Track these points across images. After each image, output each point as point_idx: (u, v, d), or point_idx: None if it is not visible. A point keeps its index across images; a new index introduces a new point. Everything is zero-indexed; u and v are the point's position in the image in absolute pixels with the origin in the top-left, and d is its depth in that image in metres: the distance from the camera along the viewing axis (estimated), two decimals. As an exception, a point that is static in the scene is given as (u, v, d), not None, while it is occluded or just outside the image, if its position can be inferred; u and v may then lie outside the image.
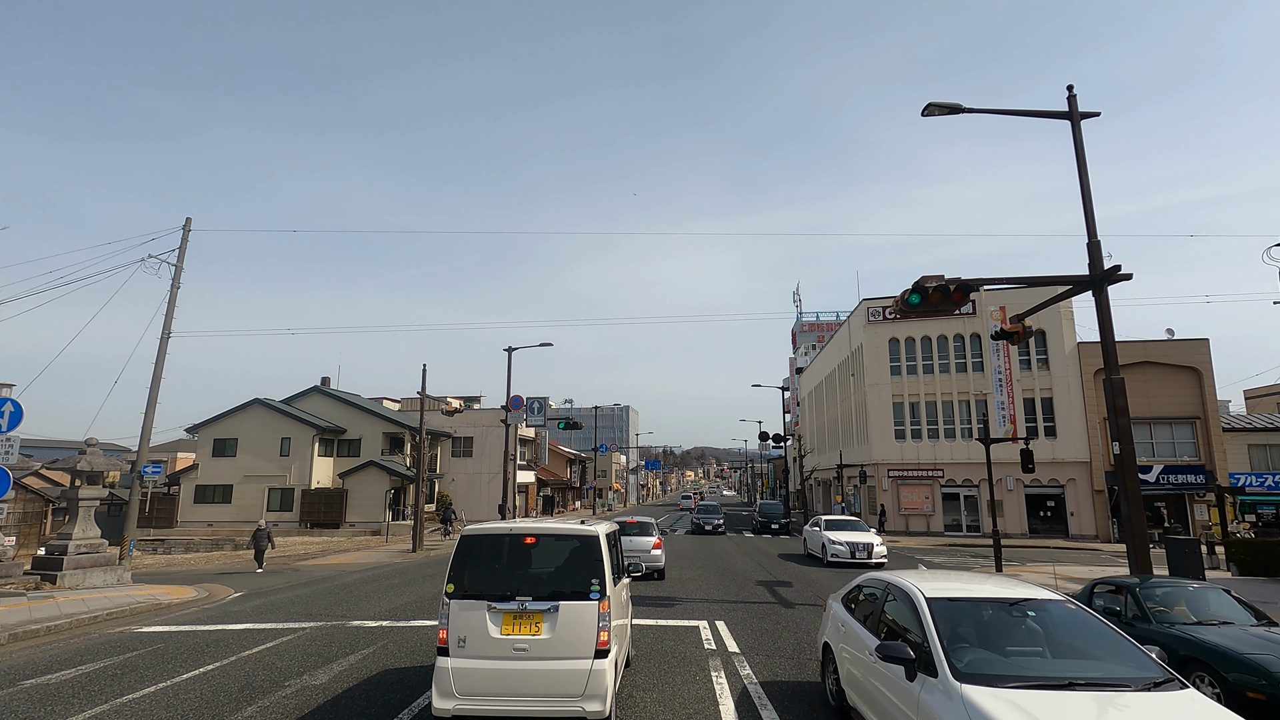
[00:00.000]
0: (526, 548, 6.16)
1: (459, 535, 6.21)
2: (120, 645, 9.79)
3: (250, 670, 8.22)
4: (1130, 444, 12.30)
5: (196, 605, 13.82)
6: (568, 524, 6.48)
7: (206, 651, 9.26)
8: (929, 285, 12.67)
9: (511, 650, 5.63)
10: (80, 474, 16.98)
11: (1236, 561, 18.40)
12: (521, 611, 5.71)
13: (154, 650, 9.39)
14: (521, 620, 5.70)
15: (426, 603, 13.36)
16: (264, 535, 20.67)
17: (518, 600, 5.74)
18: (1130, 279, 12.70)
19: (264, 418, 41.94)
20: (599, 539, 6.17)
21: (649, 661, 8.52)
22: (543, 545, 6.27)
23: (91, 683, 7.76)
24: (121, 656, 9.05)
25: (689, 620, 11.35)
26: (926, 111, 13.62)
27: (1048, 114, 13.64)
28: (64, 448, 47.45)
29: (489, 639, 5.65)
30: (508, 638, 5.66)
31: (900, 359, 37.89)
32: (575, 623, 5.70)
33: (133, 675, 8.06)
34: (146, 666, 8.48)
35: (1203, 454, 32.68)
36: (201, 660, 8.75)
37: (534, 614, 5.71)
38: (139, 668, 8.42)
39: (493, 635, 5.66)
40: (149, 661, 8.74)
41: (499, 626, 5.69)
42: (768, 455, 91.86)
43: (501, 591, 5.79)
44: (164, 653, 9.24)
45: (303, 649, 9.34)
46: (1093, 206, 13.12)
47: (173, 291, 25.26)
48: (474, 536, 6.16)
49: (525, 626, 5.69)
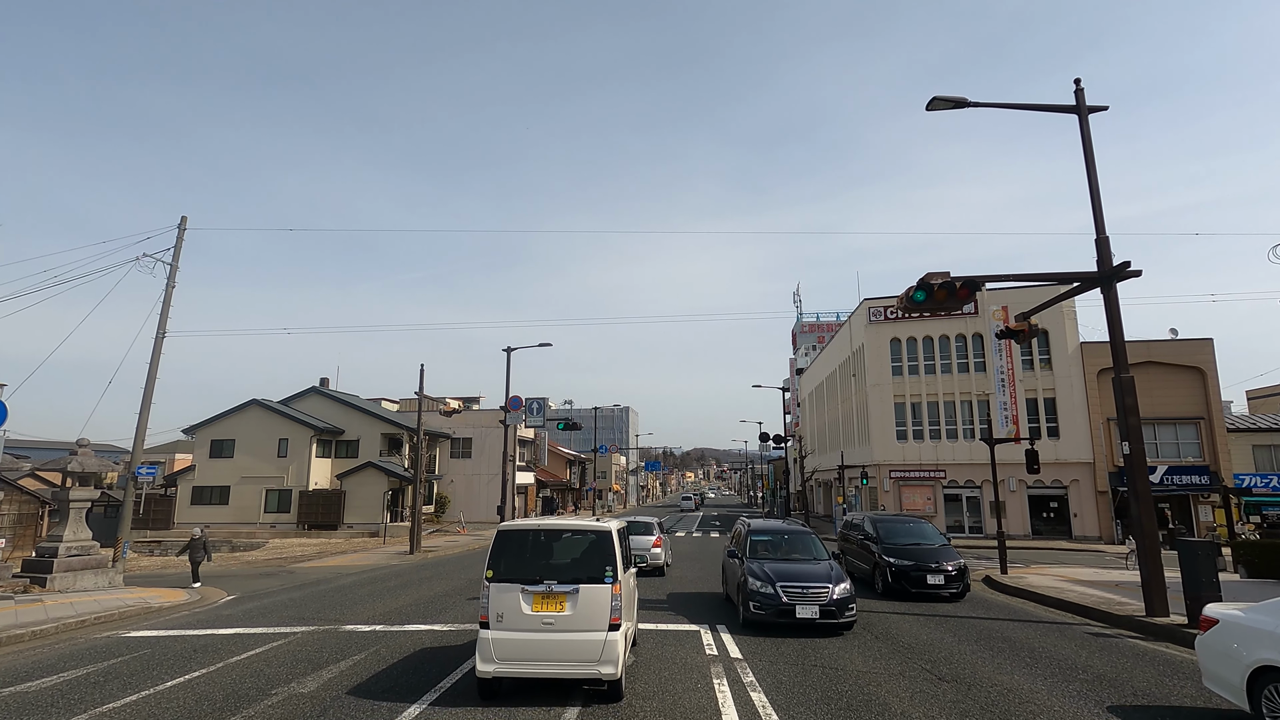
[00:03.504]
0: (552, 540, 7.41)
1: (497, 530, 7.35)
2: (105, 651, 9.54)
3: (237, 677, 7.96)
4: (1140, 444, 12.06)
5: (187, 609, 13.57)
6: (585, 521, 7.70)
7: (193, 658, 9.00)
8: (935, 282, 12.43)
9: (540, 624, 6.80)
10: (71, 475, 16.75)
11: (1245, 563, 18.15)
12: (548, 593, 6.87)
13: (139, 656, 9.14)
14: (548, 600, 6.86)
15: (422, 606, 13.10)
16: (200, 545, 17.77)
17: (545, 583, 6.91)
18: (1139, 275, 12.47)
19: (262, 418, 41.68)
20: (612, 534, 7.35)
21: (648, 669, 8.26)
22: (565, 538, 7.46)
23: (72, 690, 7.50)
24: (105, 663, 8.79)
25: (689, 625, 11.09)
26: (932, 105, 13.39)
27: (1055, 108, 13.41)
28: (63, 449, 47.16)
29: (522, 615, 6.81)
30: (537, 614, 6.82)
31: (902, 359, 37.63)
32: (592, 602, 6.85)
33: (115, 682, 7.80)
34: (130, 673, 8.22)
35: (1207, 455, 32.40)
36: (187, 667, 8.49)
37: (559, 595, 6.87)
38: (122, 675, 8.16)
39: (525, 612, 6.82)
40: (133, 668, 8.48)
41: (530, 605, 6.84)
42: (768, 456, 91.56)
43: (532, 576, 6.96)
44: (149, 659, 8.98)
45: (292, 655, 9.08)
46: (1101, 202, 12.88)
47: (168, 291, 25.01)
48: (509, 531, 7.33)
49: (551, 605, 6.85)
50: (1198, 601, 10.46)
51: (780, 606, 10.36)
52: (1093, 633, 10.88)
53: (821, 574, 11.07)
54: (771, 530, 13.18)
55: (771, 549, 12.44)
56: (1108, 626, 11.47)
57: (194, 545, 17.75)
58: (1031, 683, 7.82)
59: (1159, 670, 8.47)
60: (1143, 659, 9.11)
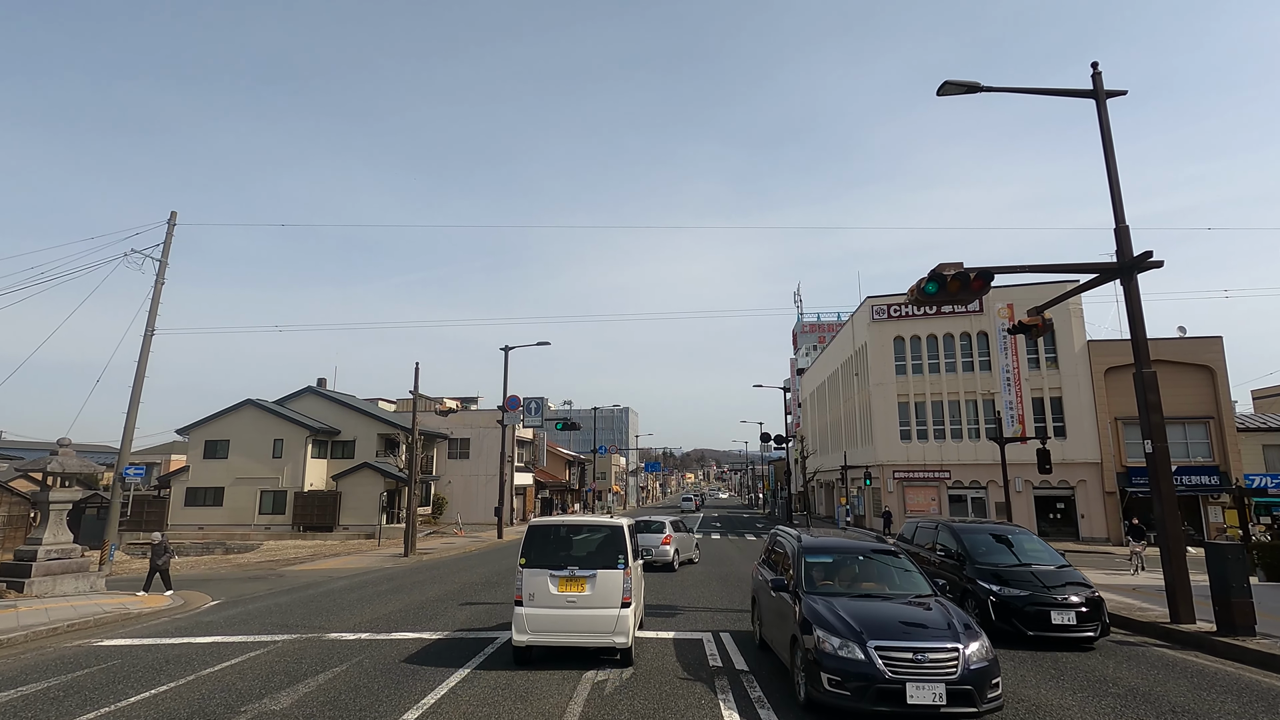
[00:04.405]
0: (573, 534, 8.80)
1: (528, 525, 8.81)
2: (73, 662, 8.98)
3: (206, 692, 7.42)
4: (1164, 442, 11.51)
5: (168, 615, 13.01)
6: (602, 518, 9.28)
7: (164, 669, 8.45)
8: (947, 273, 11.88)
9: (565, 602, 8.17)
10: (51, 475, 16.18)
11: (1264, 566, 17.59)
12: (571, 576, 8.24)
13: (107, 668, 8.58)
14: (571, 582, 8.23)
15: (412, 612, 12.55)
16: (162, 550, 15.99)
17: (568, 569, 8.27)
18: (1161, 265, 11.91)
19: (256, 419, 41.12)
20: (624, 528, 8.78)
21: (647, 683, 7.71)
22: (585, 532, 8.83)
23: (28, 707, 6.95)
24: (70, 675, 8.24)
25: (691, 633, 10.55)
26: (943, 90, 12.87)
27: (1072, 92, 12.87)
28: (54, 449, 46.57)
29: (549, 594, 8.18)
30: (562, 594, 8.19)
31: (905, 358, 37.10)
32: (608, 584, 8.21)
33: (75, 698, 7.25)
34: (94, 687, 7.67)
35: (1216, 454, 31.89)
36: (156, 680, 7.95)
37: (580, 578, 8.23)
38: (85, 689, 7.62)
39: (552, 592, 8.19)
40: (98, 681, 7.94)
41: (556, 586, 8.20)
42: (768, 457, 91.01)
43: (557, 563, 8.34)
44: (117, 670, 8.43)
45: (269, 666, 8.53)
46: (1120, 190, 12.34)
47: (157, 287, 24.49)
48: (539, 526, 8.77)
49: (574, 586, 8.22)
50: (1227, 607, 9.95)
51: (879, 684, 6.08)
52: (1116, 640, 10.34)
53: (938, 623, 6.69)
54: (838, 549, 8.50)
55: (841, 578, 8.04)
56: (1131, 634, 10.93)
57: (156, 550, 16.06)
58: (1060, 697, 7.28)
59: (1193, 683, 7.92)
60: (1174, 670, 8.57)
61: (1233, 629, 9.78)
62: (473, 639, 10.04)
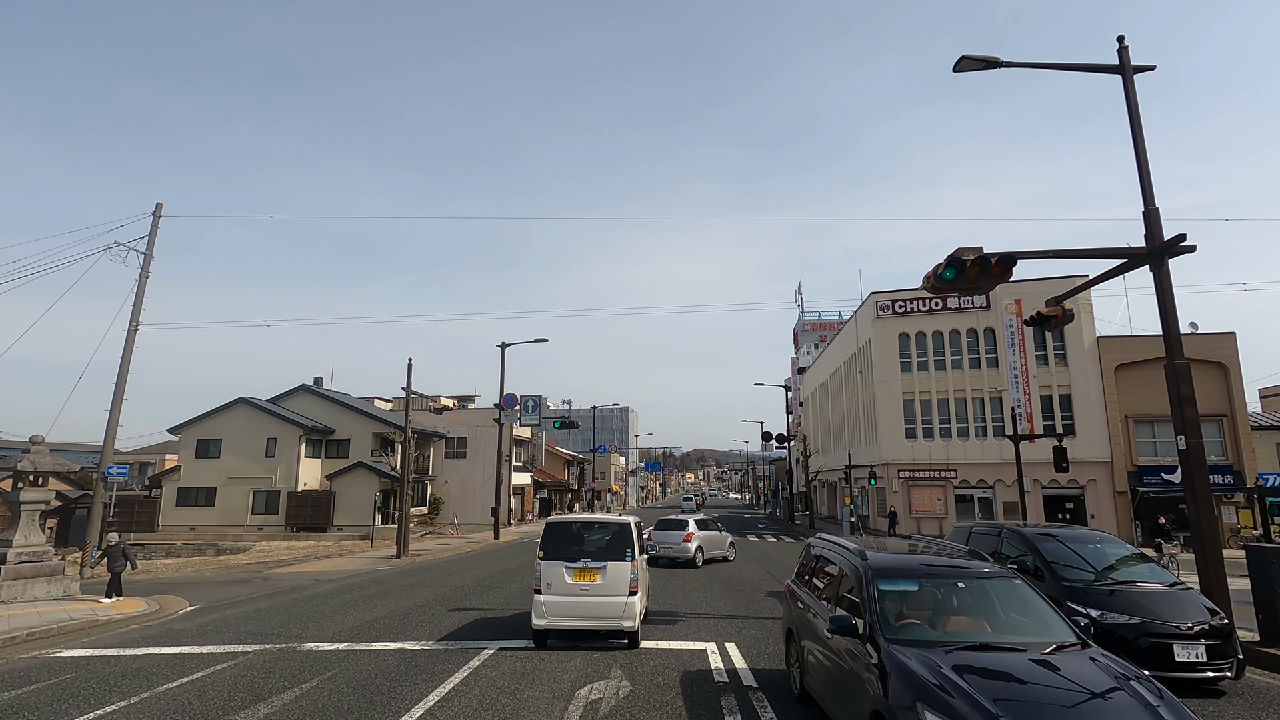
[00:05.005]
0: (585, 530, 9.68)
1: (545, 522, 9.87)
2: (22, 676, 8.26)
3: (159, 712, 6.70)
4: (1199, 438, 10.79)
5: (139, 621, 12.29)
6: (612, 516, 10.11)
7: (118, 685, 7.73)
8: (966, 258, 11.12)
9: (579, 590, 9.08)
10: (22, 475, 15.47)
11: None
12: (584, 567, 9.16)
13: (57, 683, 7.86)
14: (584, 572, 9.15)
15: (397, 619, 11.82)
16: (119, 553, 14.95)
17: (582, 560, 9.21)
18: (1194, 250, 11.16)
19: (249, 417, 40.36)
20: (631, 525, 9.69)
21: (645, 702, 6.99)
22: (597, 528, 9.71)
23: (-45, 731, 6.24)
24: (14, 692, 7.52)
25: (695, 642, 9.82)
26: (960, 65, 12.12)
27: (1098, 68, 12.11)
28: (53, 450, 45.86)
29: (565, 583, 9.10)
30: (576, 583, 9.10)
31: (911, 354, 36.35)
32: (617, 574, 9.13)
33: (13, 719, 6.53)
34: (37, 706, 6.96)
35: (1230, 453, 31.17)
36: (106, 698, 7.23)
37: (592, 569, 9.15)
38: (28, 707, 6.90)
39: (567, 581, 9.10)
40: (42, 700, 7.22)
41: (570, 576, 9.12)
42: (769, 457, 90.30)
43: (572, 555, 9.27)
44: (67, 687, 7.71)
45: (233, 682, 7.80)
46: (1149, 170, 11.60)
47: (141, 281, 23.79)
48: (555, 522, 9.71)
49: (587, 576, 9.14)
50: (1272, 615, 9.23)
51: None
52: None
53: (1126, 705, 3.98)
54: (924, 571, 5.79)
55: (934, 614, 5.37)
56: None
57: (111, 552, 15.00)
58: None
59: (1246, 702, 7.20)
60: (1221, 685, 7.80)
61: (1277, 638, 9.07)
62: (458, 650, 9.31)
